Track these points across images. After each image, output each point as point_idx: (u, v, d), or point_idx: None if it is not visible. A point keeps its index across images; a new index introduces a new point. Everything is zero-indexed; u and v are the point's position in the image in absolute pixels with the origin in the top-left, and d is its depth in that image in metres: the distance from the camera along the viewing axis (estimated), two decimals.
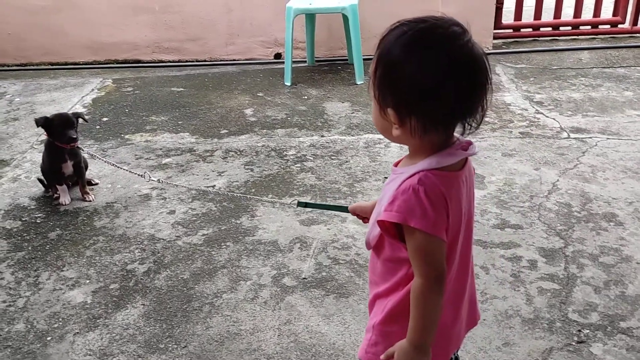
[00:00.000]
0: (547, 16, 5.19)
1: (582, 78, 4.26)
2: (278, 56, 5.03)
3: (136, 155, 3.37)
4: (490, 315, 2.01)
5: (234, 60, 5.07)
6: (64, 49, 5.09)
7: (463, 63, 1.03)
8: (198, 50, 5.07)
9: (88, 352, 1.95)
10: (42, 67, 5.10)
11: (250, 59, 5.07)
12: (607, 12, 5.19)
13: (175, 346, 1.95)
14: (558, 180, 2.87)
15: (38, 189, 3.01)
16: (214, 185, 2.98)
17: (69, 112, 2.94)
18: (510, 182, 2.87)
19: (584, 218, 2.55)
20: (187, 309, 2.12)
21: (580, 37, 5.17)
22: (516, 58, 4.76)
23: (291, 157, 3.25)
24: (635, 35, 5.12)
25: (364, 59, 4.34)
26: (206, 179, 3.05)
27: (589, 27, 5.19)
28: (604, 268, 2.23)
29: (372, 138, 3.41)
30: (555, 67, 4.52)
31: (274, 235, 2.53)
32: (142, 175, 2.44)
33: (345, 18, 4.40)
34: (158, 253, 2.45)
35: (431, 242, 1.06)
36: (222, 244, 2.49)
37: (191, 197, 2.86)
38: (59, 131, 2.75)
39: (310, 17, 4.62)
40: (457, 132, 1.11)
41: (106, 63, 5.12)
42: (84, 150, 2.90)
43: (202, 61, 5.08)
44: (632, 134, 3.33)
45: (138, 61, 5.11)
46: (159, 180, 2.55)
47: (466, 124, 1.08)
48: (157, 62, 5.10)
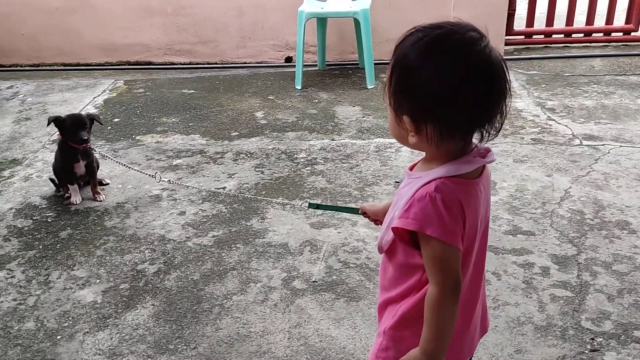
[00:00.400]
0: (559, 23, 5.16)
1: (595, 85, 4.23)
2: (289, 60, 5.04)
3: (147, 156, 3.38)
4: (502, 322, 2.00)
5: (245, 63, 5.08)
6: (78, 50, 5.12)
7: (480, 69, 1.01)
8: (209, 52, 5.09)
9: (98, 352, 1.95)
10: (55, 68, 5.13)
11: (261, 62, 5.08)
12: (620, 20, 5.16)
13: (184, 347, 1.95)
14: (570, 187, 2.85)
15: (49, 188, 3.02)
16: (225, 187, 2.98)
17: (84, 113, 2.94)
18: (522, 189, 2.85)
19: (597, 225, 2.53)
20: (197, 310, 2.12)
21: (592, 45, 5.15)
22: (528, 64, 4.74)
23: (302, 160, 3.25)
24: None
25: (375, 64, 4.34)
26: (217, 181, 3.06)
27: (602, 35, 5.16)
28: (618, 276, 2.21)
29: (383, 142, 3.41)
30: (567, 74, 4.49)
31: (285, 237, 2.53)
32: (153, 175, 2.44)
33: (356, 22, 4.40)
34: (168, 254, 2.45)
35: (447, 251, 1.04)
36: (232, 246, 2.49)
37: (201, 199, 2.86)
38: (71, 131, 2.77)
39: (321, 21, 4.62)
40: (475, 139, 1.09)
41: (118, 64, 5.14)
42: (96, 150, 2.91)
43: (214, 64, 5.10)
44: None
45: (150, 63, 5.13)
46: (169, 180, 2.55)
47: (484, 132, 1.06)
48: (169, 64, 5.12)
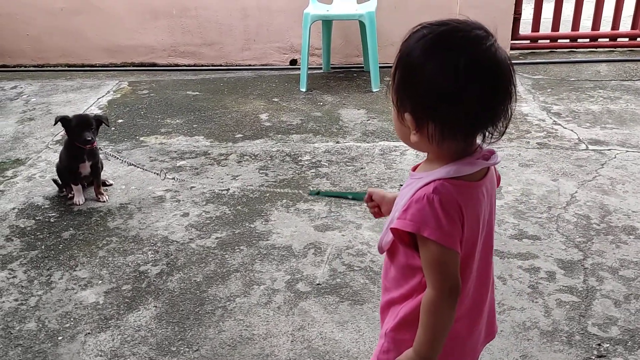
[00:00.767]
0: (565, 28, 5.16)
1: (601, 90, 4.21)
2: (294, 62, 5.03)
3: (151, 157, 3.37)
4: (507, 326, 1.97)
5: (250, 65, 5.07)
6: (82, 51, 5.13)
7: (486, 67, 0.99)
8: (214, 54, 5.09)
9: (99, 353, 1.93)
10: (59, 69, 5.14)
11: (266, 65, 5.07)
12: (626, 26, 5.15)
13: (187, 349, 1.93)
14: (576, 191, 2.83)
15: (52, 188, 3.01)
16: (228, 188, 2.97)
17: (91, 114, 2.93)
18: (527, 193, 2.83)
19: (603, 230, 2.51)
20: (200, 312, 2.10)
21: (598, 50, 5.13)
22: (533, 69, 4.73)
23: (306, 163, 3.23)
24: None
25: (381, 67, 4.33)
26: (220, 182, 3.04)
27: (607, 40, 5.15)
28: (624, 281, 2.19)
29: (388, 145, 3.39)
30: (573, 79, 4.47)
31: (288, 240, 2.51)
32: (158, 173, 2.44)
33: (362, 25, 4.39)
34: (171, 255, 2.44)
35: (445, 254, 1.02)
36: (236, 248, 2.47)
37: (205, 200, 2.85)
38: (76, 131, 2.77)
39: (327, 24, 4.62)
40: (479, 141, 1.07)
41: (123, 66, 5.14)
42: (102, 150, 2.90)
43: (218, 66, 5.09)
44: None
45: (154, 64, 5.13)
46: (175, 178, 2.54)
47: (487, 133, 1.04)
48: (173, 66, 5.12)
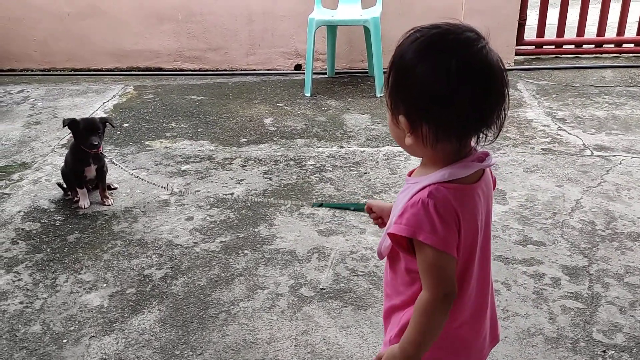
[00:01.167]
0: (570, 34, 5.15)
1: (606, 96, 4.21)
2: (298, 67, 5.05)
3: (155, 161, 3.38)
4: (512, 332, 1.97)
5: (255, 70, 5.09)
6: (88, 56, 5.15)
7: (477, 69, 1.00)
8: (219, 59, 5.11)
9: (103, 356, 1.93)
10: (66, 73, 5.16)
11: (270, 70, 5.09)
12: (631, 31, 5.14)
13: (191, 353, 1.93)
14: (581, 197, 2.82)
15: (58, 192, 3.02)
16: (233, 192, 2.98)
17: (97, 117, 2.95)
18: (532, 199, 2.82)
19: (609, 237, 2.50)
20: (204, 316, 2.10)
21: (603, 56, 5.12)
22: (538, 74, 4.72)
23: (310, 167, 3.24)
24: None
25: (385, 72, 4.33)
26: (225, 187, 3.05)
27: (613, 46, 5.14)
28: (630, 288, 2.18)
29: (392, 150, 3.39)
30: (578, 85, 4.47)
31: (292, 244, 2.51)
32: (165, 187, 2.50)
33: (366, 30, 4.40)
34: (175, 259, 2.44)
35: (440, 258, 1.02)
36: (240, 252, 2.47)
37: (209, 204, 2.85)
38: (83, 135, 2.78)
39: (331, 29, 4.63)
40: (473, 143, 1.07)
41: (128, 70, 5.17)
42: (107, 157, 2.92)
43: (223, 70, 5.11)
44: None
45: (160, 69, 5.15)
46: (181, 191, 2.58)
47: (481, 134, 1.05)
48: (178, 71, 5.14)
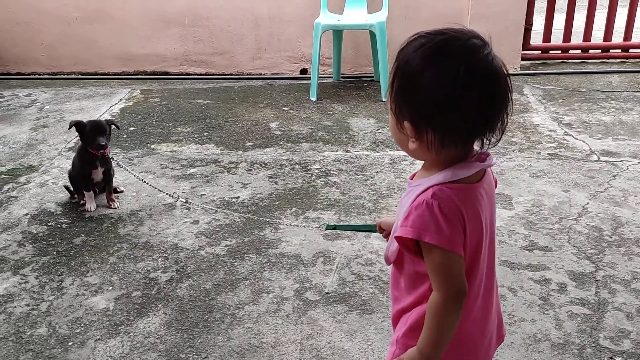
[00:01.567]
0: (577, 39, 5.14)
1: (613, 101, 4.19)
2: (304, 72, 5.06)
3: (161, 164, 3.39)
4: (518, 338, 1.96)
5: (261, 74, 5.10)
6: (95, 60, 5.18)
7: (483, 76, 1.01)
8: (225, 63, 5.13)
9: (109, 359, 1.94)
10: (73, 77, 5.20)
11: (276, 74, 5.10)
12: (638, 36, 5.13)
13: (195, 356, 1.93)
14: (588, 203, 2.81)
15: (64, 195, 3.03)
16: (238, 196, 2.98)
17: (103, 119, 2.97)
18: (538, 204, 2.81)
19: (615, 242, 2.49)
20: (209, 320, 2.10)
21: (610, 61, 5.11)
22: (544, 79, 4.71)
23: (315, 171, 3.24)
24: None
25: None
26: (230, 190, 3.05)
27: (619, 51, 5.13)
28: (637, 294, 2.16)
29: (398, 155, 3.39)
30: (584, 90, 4.46)
31: (297, 248, 2.51)
32: (171, 195, 2.52)
33: (372, 35, 4.41)
34: (181, 262, 2.45)
35: (448, 258, 1.03)
36: (245, 256, 2.48)
37: (215, 208, 2.86)
38: (90, 137, 2.79)
39: (337, 34, 4.64)
40: (476, 146, 1.08)
41: (135, 74, 5.19)
42: (114, 159, 2.93)
43: (229, 75, 5.13)
44: None
45: (166, 73, 5.18)
46: (187, 200, 2.61)
47: (485, 139, 1.06)
48: (185, 75, 5.16)
